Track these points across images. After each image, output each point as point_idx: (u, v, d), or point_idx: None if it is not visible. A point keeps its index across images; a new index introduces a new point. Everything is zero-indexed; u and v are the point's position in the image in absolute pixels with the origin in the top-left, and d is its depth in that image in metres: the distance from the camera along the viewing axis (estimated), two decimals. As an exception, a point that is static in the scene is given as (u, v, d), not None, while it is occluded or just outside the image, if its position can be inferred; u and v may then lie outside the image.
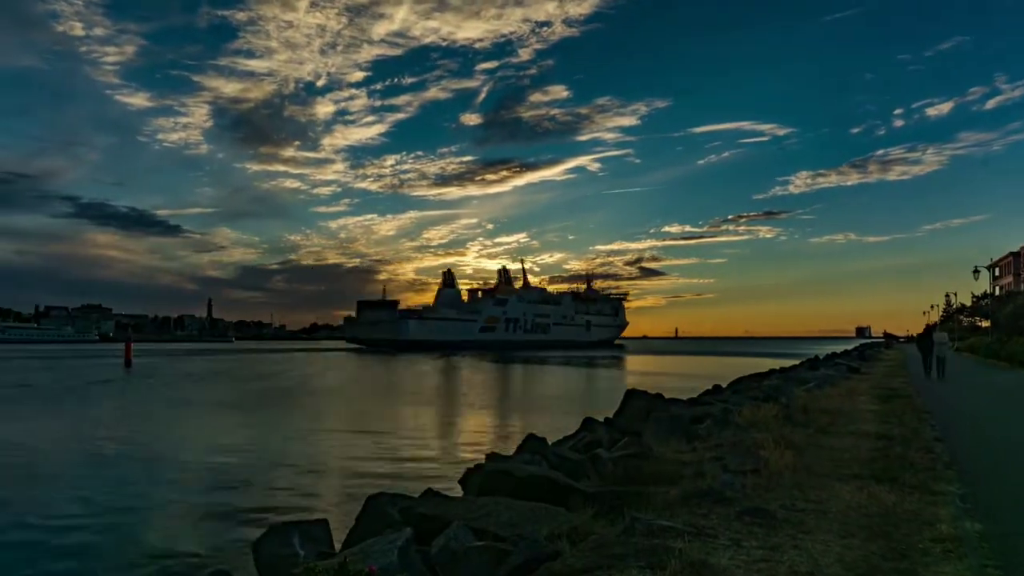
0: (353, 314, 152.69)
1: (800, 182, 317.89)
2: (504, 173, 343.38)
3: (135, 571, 10.08)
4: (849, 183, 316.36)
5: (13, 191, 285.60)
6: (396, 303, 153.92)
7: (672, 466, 8.54)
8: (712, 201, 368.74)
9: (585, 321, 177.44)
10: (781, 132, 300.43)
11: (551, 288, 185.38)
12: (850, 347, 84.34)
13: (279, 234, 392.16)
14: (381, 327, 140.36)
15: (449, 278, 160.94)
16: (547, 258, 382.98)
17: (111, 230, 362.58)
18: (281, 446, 21.42)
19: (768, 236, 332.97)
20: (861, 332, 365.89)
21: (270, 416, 29.74)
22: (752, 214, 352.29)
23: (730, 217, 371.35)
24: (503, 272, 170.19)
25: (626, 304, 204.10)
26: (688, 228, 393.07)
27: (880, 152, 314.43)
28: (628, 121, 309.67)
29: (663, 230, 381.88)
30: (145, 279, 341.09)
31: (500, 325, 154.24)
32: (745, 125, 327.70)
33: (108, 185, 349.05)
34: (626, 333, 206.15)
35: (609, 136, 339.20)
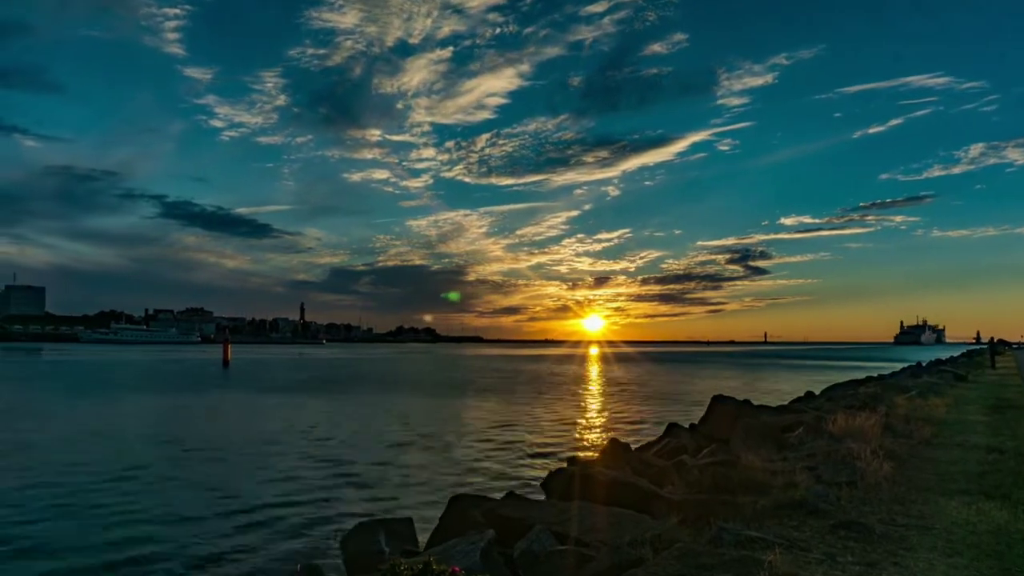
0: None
1: (968, 158, 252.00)
2: (605, 154, 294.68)
3: (227, 562, 10.57)
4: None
5: (98, 190, 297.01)
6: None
7: (761, 475, 8.23)
8: (848, 183, 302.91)
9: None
10: (961, 87, 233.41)
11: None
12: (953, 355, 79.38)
13: (366, 233, 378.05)
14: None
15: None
16: (646, 256, 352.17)
17: (200, 231, 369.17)
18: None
19: (901, 228, 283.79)
20: (909, 336, 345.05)
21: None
22: (889, 200, 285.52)
23: (862, 204, 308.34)
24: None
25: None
26: (807, 219, 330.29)
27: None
28: (761, 80, 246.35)
29: (778, 222, 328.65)
30: (239, 281, 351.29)
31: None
32: (913, 81, 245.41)
33: (189, 181, 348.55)
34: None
35: (735, 102, 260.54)
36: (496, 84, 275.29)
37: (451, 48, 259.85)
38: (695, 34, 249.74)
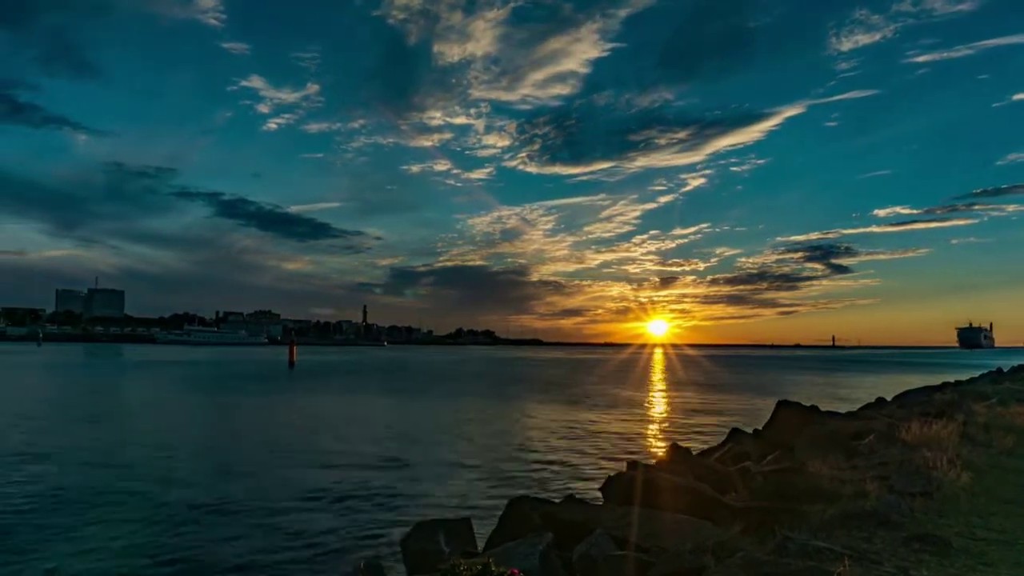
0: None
1: None
2: (683, 135, 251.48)
3: (289, 556, 10.85)
4: None
5: (151, 188, 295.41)
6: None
7: (829, 483, 7.97)
8: (966, 165, 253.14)
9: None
10: None
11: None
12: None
13: (425, 232, 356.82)
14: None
15: None
16: (720, 253, 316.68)
17: (257, 231, 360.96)
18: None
19: (1012, 219, 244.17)
20: (969, 339, 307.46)
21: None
22: (1005, 187, 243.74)
23: (974, 192, 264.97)
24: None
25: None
26: (904, 210, 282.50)
27: None
28: (878, 35, 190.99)
29: (871, 214, 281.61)
30: (303, 283, 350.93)
31: None
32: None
33: (240, 176, 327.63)
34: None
35: (844, 66, 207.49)
36: (570, 47, 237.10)
37: (517, 2, 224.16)
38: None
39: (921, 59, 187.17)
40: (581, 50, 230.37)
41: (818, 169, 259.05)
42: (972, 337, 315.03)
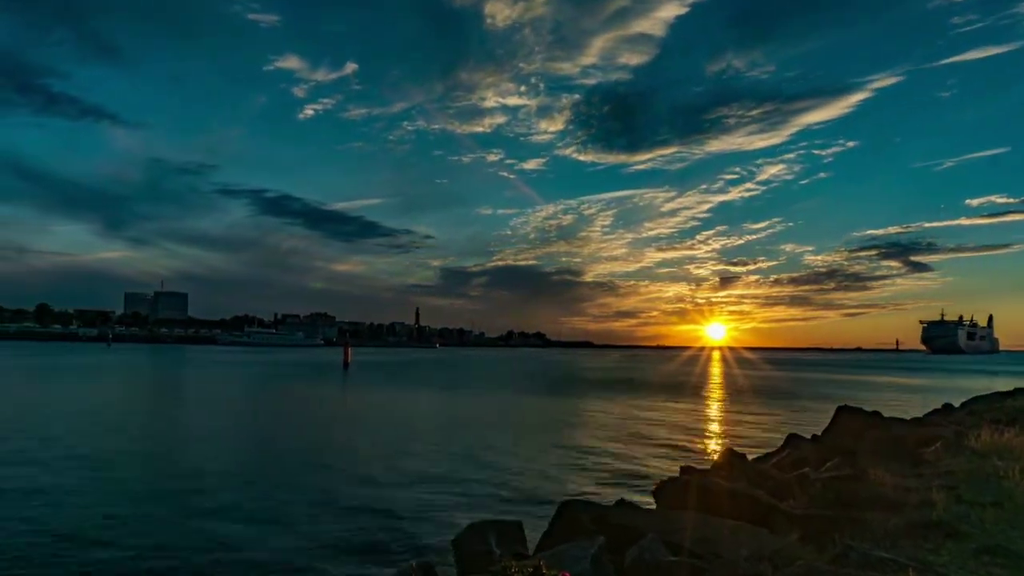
0: None
1: None
2: (757, 112, 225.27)
3: (341, 557, 11.02)
4: None
5: (194, 186, 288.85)
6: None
7: (893, 492, 7.70)
8: None
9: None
10: None
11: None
12: None
13: (475, 229, 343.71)
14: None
15: None
16: (791, 250, 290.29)
17: (303, 230, 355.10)
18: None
19: None
20: (937, 338, 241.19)
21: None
22: None
23: None
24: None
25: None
26: (1000, 199, 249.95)
27: None
28: None
29: (964, 203, 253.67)
30: (355, 285, 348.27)
31: None
32: None
33: (281, 171, 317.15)
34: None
35: (957, 21, 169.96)
36: (642, 5, 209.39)
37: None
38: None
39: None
40: (655, 8, 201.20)
41: (910, 151, 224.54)
42: (943, 336, 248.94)
